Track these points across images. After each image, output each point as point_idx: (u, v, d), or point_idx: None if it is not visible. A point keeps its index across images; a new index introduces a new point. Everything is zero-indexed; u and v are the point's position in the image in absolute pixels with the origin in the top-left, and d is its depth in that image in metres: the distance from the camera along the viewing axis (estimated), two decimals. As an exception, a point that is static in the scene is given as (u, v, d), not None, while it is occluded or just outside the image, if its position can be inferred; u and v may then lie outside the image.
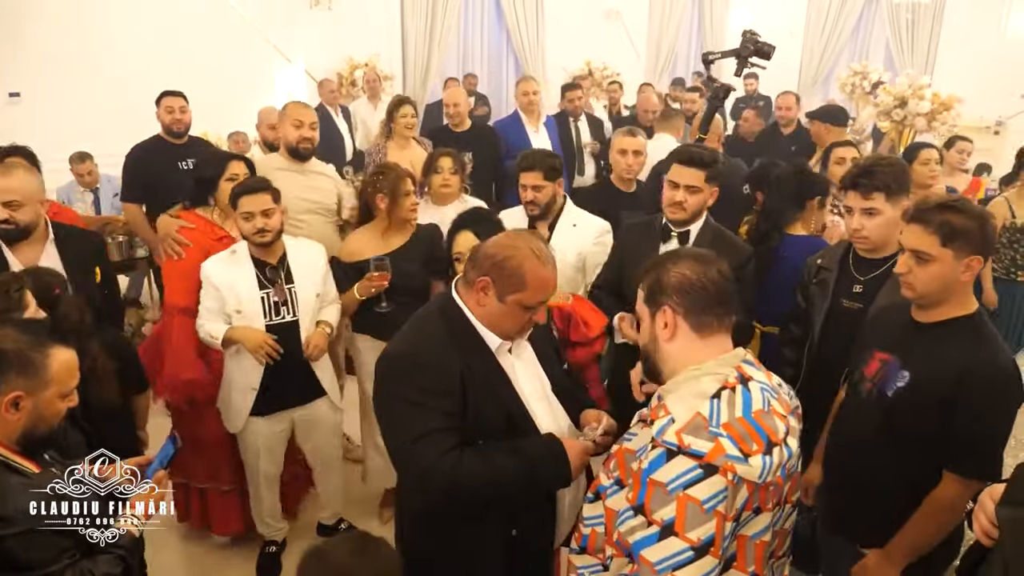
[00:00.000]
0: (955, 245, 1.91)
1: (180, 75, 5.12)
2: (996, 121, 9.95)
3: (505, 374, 1.95)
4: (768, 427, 1.46)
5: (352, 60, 9.05)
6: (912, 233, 1.98)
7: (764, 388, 1.54)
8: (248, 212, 2.91)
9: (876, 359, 2.11)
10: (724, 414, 1.44)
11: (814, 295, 2.67)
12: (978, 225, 1.92)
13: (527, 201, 3.33)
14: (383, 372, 1.92)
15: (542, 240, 1.96)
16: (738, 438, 1.42)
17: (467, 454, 1.80)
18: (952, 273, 1.93)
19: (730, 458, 1.39)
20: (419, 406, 1.81)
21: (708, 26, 11.94)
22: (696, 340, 1.59)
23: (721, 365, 1.55)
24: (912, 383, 1.98)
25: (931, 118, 6.07)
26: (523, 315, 1.89)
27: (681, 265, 1.61)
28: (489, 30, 10.77)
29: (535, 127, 5.65)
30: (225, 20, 7.51)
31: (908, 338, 2.05)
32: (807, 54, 11.98)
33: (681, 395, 1.52)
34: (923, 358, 1.98)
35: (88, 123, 6.40)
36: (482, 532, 1.94)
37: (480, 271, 1.88)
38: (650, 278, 1.65)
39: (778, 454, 1.45)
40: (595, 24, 10.82)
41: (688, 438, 1.41)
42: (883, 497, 2.06)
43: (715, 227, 2.93)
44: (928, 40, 11.34)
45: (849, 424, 2.19)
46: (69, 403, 1.88)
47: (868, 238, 2.47)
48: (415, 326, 1.98)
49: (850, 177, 2.49)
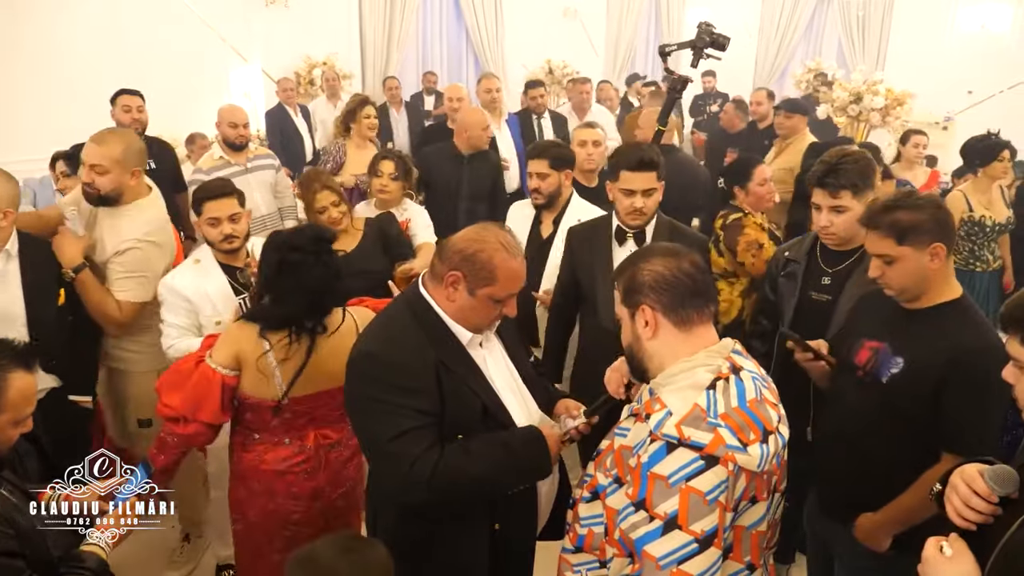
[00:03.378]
0: (911, 240, 1.97)
1: (133, 75, 5.00)
2: (945, 117, 10.21)
3: (479, 369, 1.93)
4: (763, 416, 1.49)
5: (310, 59, 8.94)
6: (871, 240, 2.05)
7: (755, 377, 1.57)
8: (214, 218, 2.79)
9: (866, 347, 2.12)
10: (721, 405, 1.46)
11: (783, 288, 2.70)
12: (928, 215, 1.97)
13: (532, 189, 3.36)
14: (354, 373, 1.89)
15: (510, 232, 1.94)
16: (736, 428, 1.44)
17: (447, 450, 1.78)
18: (919, 265, 1.98)
19: (730, 448, 1.41)
20: (392, 406, 1.78)
21: (666, 24, 12.05)
22: (679, 335, 1.59)
23: (712, 356, 1.56)
24: (907, 368, 2.01)
25: (885, 113, 6.23)
26: (493, 308, 1.88)
27: (653, 262, 1.62)
28: (448, 28, 10.73)
29: (497, 124, 5.63)
30: (178, 18, 7.33)
31: (899, 325, 2.07)
32: (762, 52, 12.18)
33: (675, 387, 1.52)
34: (916, 343, 2.01)
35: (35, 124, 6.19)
36: (465, 528, 1.92)
37: (450, 265, 1.85)
38: (624, 279, 1.66)
39: (773, 442, 1.49)
40: (554, 22, 10.84)
41: (688, 430, 1.43)
42: (882, 481, 2.07)
43: (668, 222, 2.93)
44: (879, 37, 11.60)
45: (843, 411, 2.20)
46: (23, 430, 1.79)
47: (836, 234, 2.51)
48: (383, 324, 1.96)
49: (816, 176, 2.51)
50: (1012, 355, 1.51)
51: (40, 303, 2.71)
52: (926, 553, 1.47)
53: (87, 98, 5.01)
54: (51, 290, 2.76)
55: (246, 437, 2.39)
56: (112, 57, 6.56)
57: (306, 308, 2.26)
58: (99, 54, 6.67)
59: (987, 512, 1.45)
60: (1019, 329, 1.48)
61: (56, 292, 2.78)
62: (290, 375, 2.28)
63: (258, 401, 2.31)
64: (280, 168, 4.80)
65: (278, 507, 2.37)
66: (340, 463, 2.47)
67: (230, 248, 2.83)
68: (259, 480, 2.37)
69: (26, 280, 2.69)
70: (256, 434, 2.37)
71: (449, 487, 1.78)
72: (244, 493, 2.41)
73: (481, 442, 1.83)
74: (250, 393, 2.30)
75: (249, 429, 2.38)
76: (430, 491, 1.76)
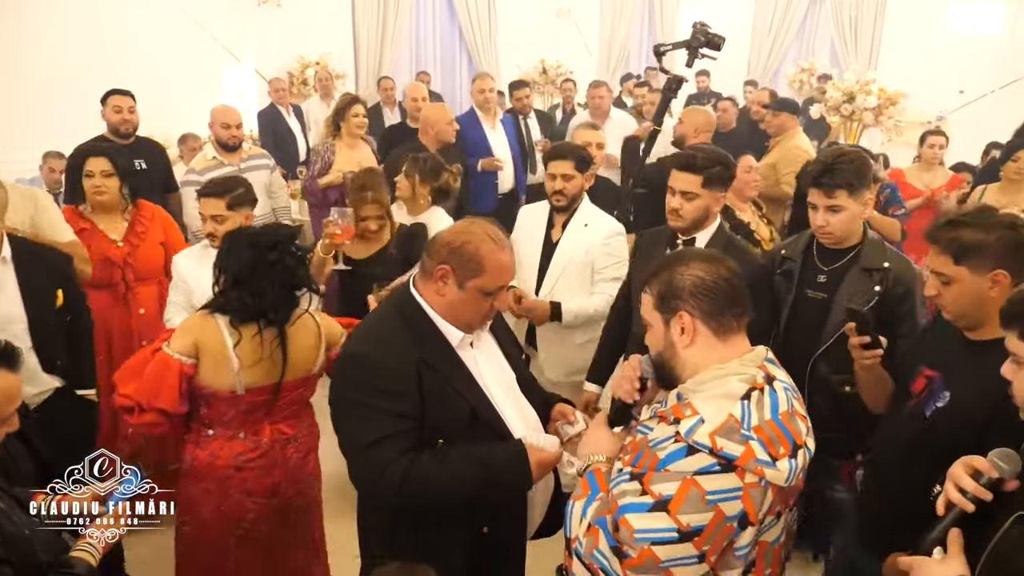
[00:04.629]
0: (970, 262, 1.81)
1: (124, 74, 4.97)
2: (937, 116, 10.25)
3: (467, 369, 1.91)
4: (794, 429, 1.45)
5: (303, 59, 8.91)
6: (931, 254, 1.90)
7: (787, 388, 1.53)
8: (202, 214, 2.97)
9: (923, 375, 2.01)
10: (755, 417, 1.42)
11: (779, 286, 2.69)
12: (996, 236, 1.80)
13: (555, 191, 3.23)
14: (339, 373, 1.91)
15: (498, 226, 1.94)
16: (767, 441, 1.40)
17: (421, 460, 1.78)
18: (976, 290, 1.82)
19: (760, 463, 1.38)
20: (371, 409, 1.79)
21: (659, 24, 12.07)
22: (717, 343, 1.53)
23: (745, 365, 1.51)
24: (952, 403, 1.88)
25: (878, 113, 6.25)
26: (484, 302, 1.87)
27: (693, 267, 1.54)
28: (442, 28, 10.71)
29: (492, 124, 5.64)
30: (171, 18, 7.30)
31: (953, 356, 1.94)
32: (755, 52, 12.20)
33: (707, 395, 1.47)
34: (965, 378, 1.86)
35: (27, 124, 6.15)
36: (450, 530, 1.91)
37: (438, 259, 1.85)
38: (659, 283, 1.57)
39: (802, 456, 1.45)
40: (547, 22, 10.84)
41: (721, 440, 1.39)
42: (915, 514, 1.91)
43: (729, 238, 2.78)
44: (871, 37, 11.63)
45: (889, 439, 2.10)
46: (8, 429, 1.78)
47: (832, 234, 2.50)
48: (370, 324, 1.97)
49: (812, 175, 2.50)
50: (1011, 351, 1.50)
51: (39, 306, 2.72)
52: (916, 562, 1.49)
53: (79, 98, 4.98)
54: (49, 292, 2.76)
55: (200, 434, 2.38)
56: (103, 56, 6.54)
57: (282, 302, 2.30)
58: (90, 53, 6.64)
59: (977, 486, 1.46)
60: (1019, 324, 1.47)
61: (54, 294, 2.78)
62: (250, 366, 2.28)
63: (214, 392, 2.30)
64: (275, 168, 4.79)
65: (232, 505, 2.35)
66: (297, 459, 2.45)
67: (213, 246, 2.92)
68: (212, 477, 2.35)
69: (23, 284, 2.69)
70: (210, 429, 2.36)
71: (420, 494, 1.79)
72: (196, 491, 2.37)
73: (459, 454, 1.82)
74: (207, 383, 2.29)
75: (203, 424, 2.37)
76: (400, 496, 1.78)
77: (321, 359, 2.44)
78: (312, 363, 2.42)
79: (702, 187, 2.63)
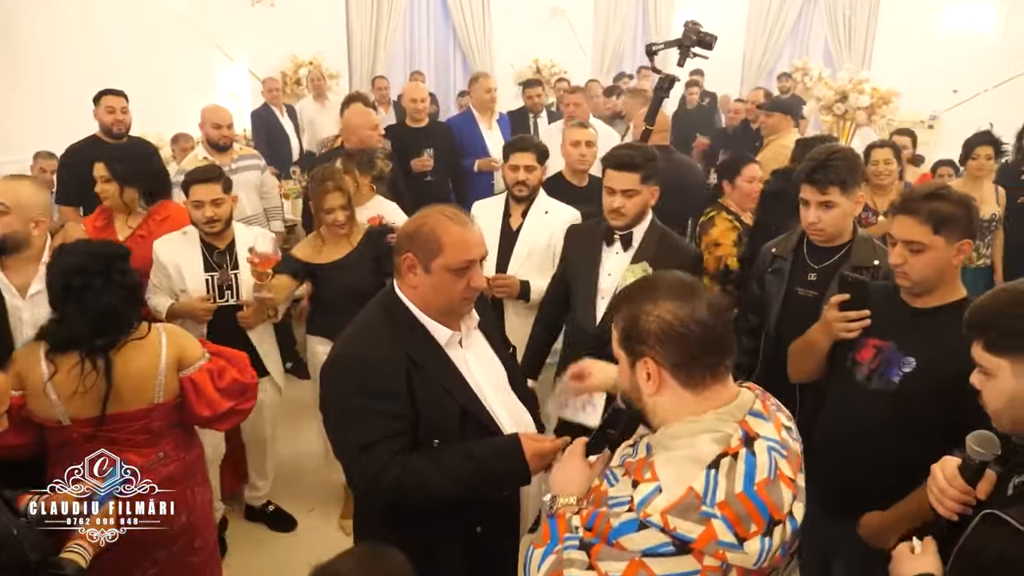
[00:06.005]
0: (946, 231, 1.96)
1: (117, 74, 4.96)
2: (930, 115, 10.29)
3: (456, 368, 1.90)
4: (772, 501, 1.26)
5: (296, 58, 8.89)
6: (903, 224, 2.02)
7: (772, 447, 1.32)
8: (198, 200, 3.02)
9: (869, 345, 2.10)
10: (721, 490, 1.23)
11: (770, 284, 2.70)
12: (964, 210, 1.98)
13: (518, 181, 3.38)
14: (326, 378, 1.89)
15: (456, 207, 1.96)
16: (734, 520, 1.22)
17: (414, 461, 1.77)
18: (945, 258, 1.98)
19: (722, 545, 1.21)
20: (363, 412, 1.78)
21: (653, 24, 12.06)
22: (687, 395, 1.35)
23: (722, 420, 1.32)
24: (920, 370, 1.99)
25: (871, 112, 6.26)
26: (455, 282, 1.84)
27: (662, 306, 1.33)
28: (436, 28, 10.69)
29: (488, 124, 5.65)
30: (164, 17, 7.28)
31: (905, 324, 2.06)
32: (749, 51, 12.21)
33: (673, 456, 1.30)
34: (927, 344, 1.99)
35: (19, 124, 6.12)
36: (443, 531, 1.90)
37: (401, 251, 1.87)
38: (624, 318, 1.39)
39: (780, 533, 1.26)
40: (541, 22, 10.83)
41: (675, 520, 1.22)
42: (892, 480, 2.03)
43: (661, 229, 2.90)
44: (864, 36, 11.66)
45: (849, 411, 2.16)
46: None
47: (824, 230, 2.51)
48: (357, 326, 1.95)
49: (805, 171, 2.52)
50: (977, 360, 1.51)
51: None
52: (896, 551, 1.52)
53: (71, 98, 4.95)
54: None
55: (52, 456, 2.27)
56: (96, 56, 6.51)
57: (91, 331, 2.17)
58: (83, 53, 6.61)
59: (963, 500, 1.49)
60: (982, 334, 1.49)
61: None
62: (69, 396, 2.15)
63: (44, 420, 2.20)
64: (265, 168, 4.78)
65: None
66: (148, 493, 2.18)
67: (211, 231, 3.10)
68: None
69: None
70: (57, 452, 2.25)
71: (417, 496, 1.78)
72: None
73: (452, 453, 1.80)
74: (35, 412, 2.19)
75: (51, 449, 2.27)
76: (397, 497, 1.78)
77: (163, 386, 2.28)
78: (148, 392, 2.26)
79: (641, 183, 2.75)
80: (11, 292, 2.60)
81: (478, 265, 1.87)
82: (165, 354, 2.28)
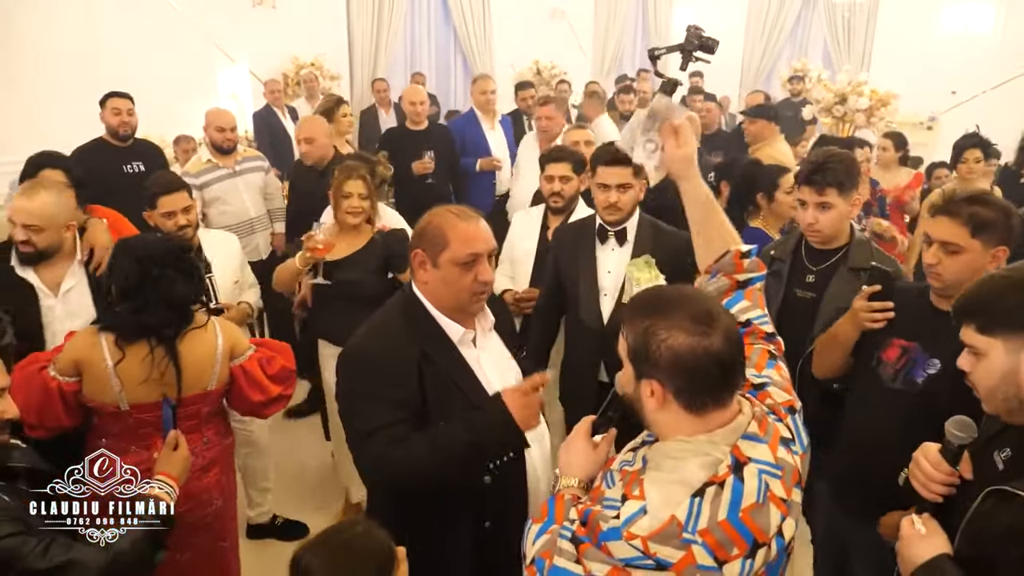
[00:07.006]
0: (984, 236, 1.98)
1: (119, 75, 4.99)
2: (929, 117, 10.32)
3: (467, 365, 1.95)
4: (757, 526, 1.27)
5: (298, 60, 8.91)
6: (941, 225, 2.03)
7: (763, 470, 1.31)
8: (169, 211, 3.02)
9: (895, 345, 2.12)
10: (704, 518, 1.24)
11: (768, 286, 2.71)
12: (1004, 216, 2.00)
13: (553, 192, 3.35)
14: (340, 369, 1.95)
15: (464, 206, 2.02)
16: (715, 545, 1.23)
17: (413, 440, 1.81)
18: (980, 263, 1.98)
19: (701, 568, 1.22)
20: (372, 399, 1.83)
21: (653, 25, 12.10)
22: (688, 416, 1.34)
23: (714, 444, 1.32)
24: (945, 371, 1.98)
25: (870, 114, 6.28)
26: (463, 275, 1.89)
27: (675, 334, 1.29)
28: (436, 29, 10.72)
29: (491, 125, 5.68)
30: (165, 19, 7.30)
31: (931, 326, 2.05)
32: (748, 53, 12.25)
33: (662, 478, 1.31)
34: (951, 346, 1.87)
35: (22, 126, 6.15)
36: (452, 525, 1.93)
37: (411, 249, 1.95)
38: (636, 332, 1.35)
39: (763, 555, 1.27)
40: (542, 23, 10.87)
41: (655, 546, 1.23)
42: None
43: (651, 221, 2.95)
44: (864, 38, 11.69)
45: (872, 409, 2.17)
46: None
47: (821, 231, 2.54)
48: (374, 322, 2.00)
49: (804, 173, 2.55)
50: (967, 343, 1.55)
51: None
52: (903, 532, 1.56)
53: (73, 100, 4.99)
54: None
55: (94, 443, 2.31)
56: (96, 58, 6.53)
57: (168, 320, 2.28)
58: (85, 55, 6.63)
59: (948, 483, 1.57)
60: (974, 318, 1.52)
61: None
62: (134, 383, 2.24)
63: (100, 405, 2.29)
64: (269, 170, 4.80)
65: None
66: (192, 475, 2.29)
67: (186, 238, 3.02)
68: None
69: (95, 287, 2.78)
70: (103, 439, 2.30)
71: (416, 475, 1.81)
72: None
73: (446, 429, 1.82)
74: (92, 397, 2.28)
75: (97, 435, 2.35)
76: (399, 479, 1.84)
77: (218, 374, 2.39)
78: (206, 378, 2.37)
79: (633, 177, 2.79)
80: (44, 292, 2.71)
81: (485, 259, 1.92)
82: (221, 343, 2.40)
